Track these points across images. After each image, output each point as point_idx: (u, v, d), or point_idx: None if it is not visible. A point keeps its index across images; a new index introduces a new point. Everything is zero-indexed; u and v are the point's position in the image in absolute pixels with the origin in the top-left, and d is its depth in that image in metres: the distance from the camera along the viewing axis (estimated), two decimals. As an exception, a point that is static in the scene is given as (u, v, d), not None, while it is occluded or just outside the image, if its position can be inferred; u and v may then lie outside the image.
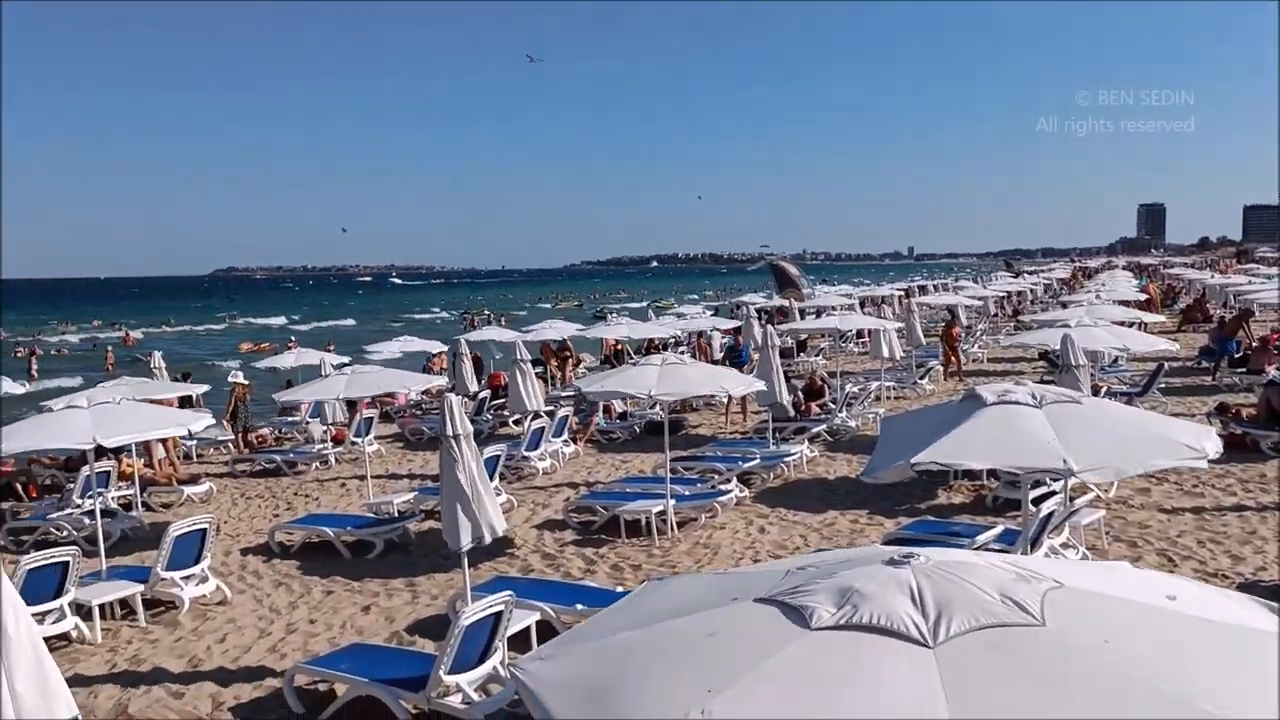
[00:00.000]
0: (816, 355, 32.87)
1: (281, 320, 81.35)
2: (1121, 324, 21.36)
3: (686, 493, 13.88)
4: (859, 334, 33.77)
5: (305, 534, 13.28)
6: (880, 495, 14.03)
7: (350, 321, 79.96)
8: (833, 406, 20.00)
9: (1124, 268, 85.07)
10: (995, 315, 45.74)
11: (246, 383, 21.86)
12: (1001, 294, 50.19)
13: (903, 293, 48.77)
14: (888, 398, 22.91)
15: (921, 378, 24.99)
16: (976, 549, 9.24)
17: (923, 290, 52.48)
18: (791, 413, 19.15)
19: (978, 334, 35.83)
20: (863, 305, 42.98)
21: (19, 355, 46.69)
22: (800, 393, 20.64)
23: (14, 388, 19.19)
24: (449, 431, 8.53)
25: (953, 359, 27.43)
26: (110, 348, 50.20)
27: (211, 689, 8.68)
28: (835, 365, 26.84)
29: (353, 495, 16.39)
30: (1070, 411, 7.54)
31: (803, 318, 37.92)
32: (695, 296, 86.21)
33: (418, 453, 20.27)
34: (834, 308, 35.94)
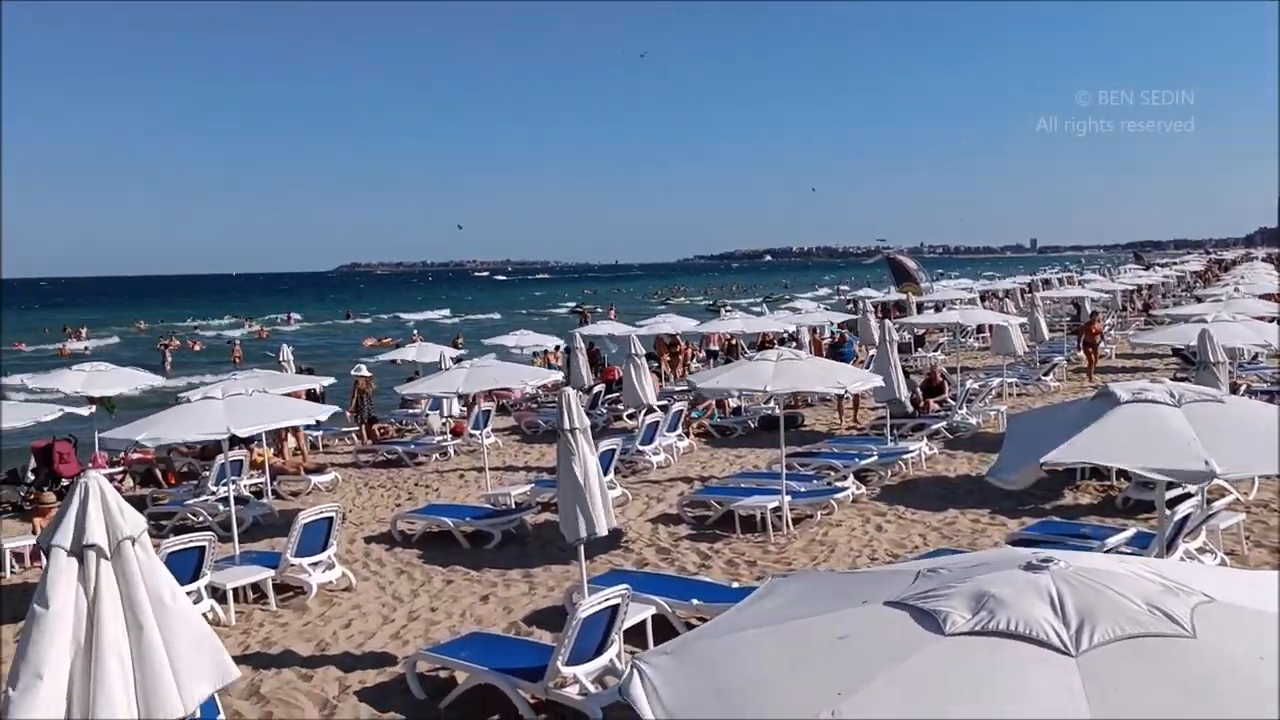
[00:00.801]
0: (935, 350, 32.16)
1: (437, 314, 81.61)
2: (1262, 319, 20.32)
3: (802, 489, 13.73)
4: (979, 329, 32.92)
5: (426, 523, 13.58)
6: (1003, 494, 13.63)
7: (496, 315, 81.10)
8: (952, 403, 19.55)
9: (1263, 259, 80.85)
10: (1124, 310, 44.07)
11: (369, 374, 22.48)
12: (1131, 287, 48.25)
13: (1025, 286, 47.38)
14: (1010, 395, 22.29)
15: (1046, 374, 24.23)
16: (1106, 552, 8.89)
17: (1046, 284, 50.87)
18: (910, 409, 18.79)
19: (1106, 329, 34.57)
20: (983, 299, 41.91)
21: (163, 348, 48.96)
22: (919, 389, 20.22)
23: (152, 379, 20.04)
24: (566, 425, 8.61)
25: (1092, 356, 26.36)
26: (237, 342, 52.21)
27: (337, 673, 8.93)
28: (955, 361, 26.20)
29: (471, 487, 16.68)
30: (1211, 411, 7.18)
31: (921, 312, 37.15)
32: (800, 294, 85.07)
33: (533, 445, 20.54)
34: (954, 302, 35.13)
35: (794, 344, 23.99)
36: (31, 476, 17.14)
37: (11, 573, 12.85)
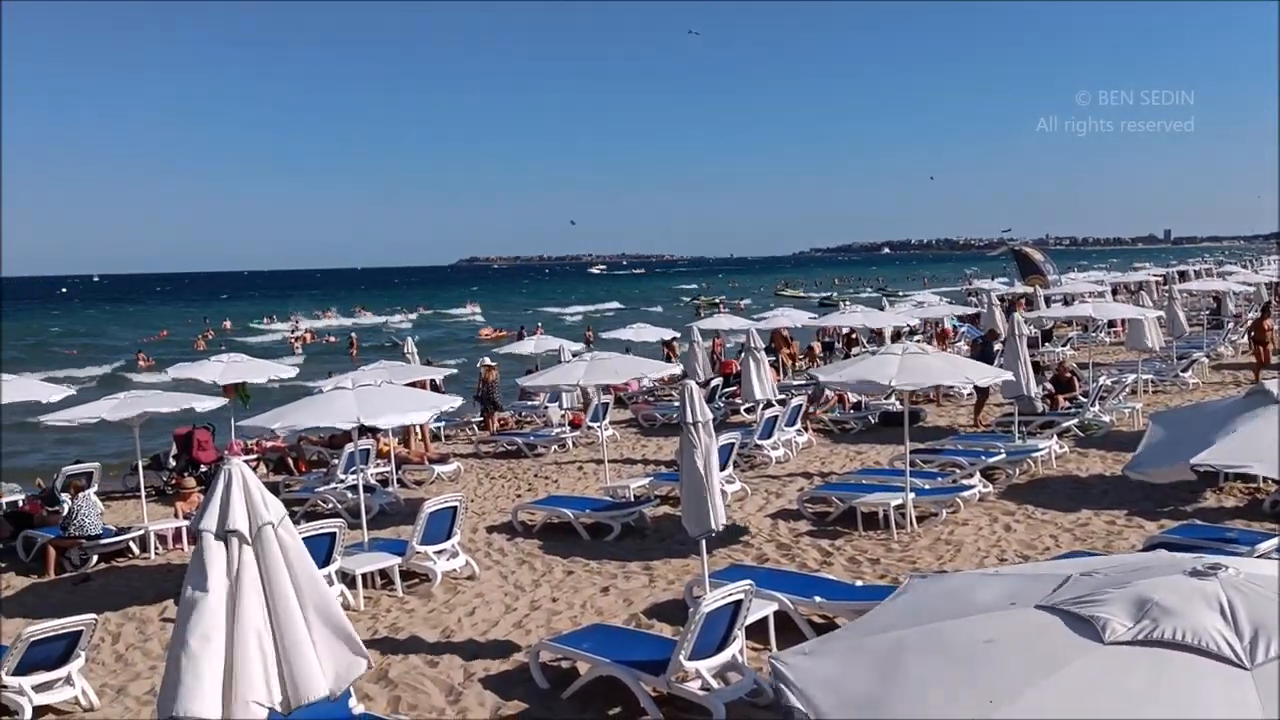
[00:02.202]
0: (1064, 345, 31.06)
1: (568, 309, 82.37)
2: None
3: (926, 486, 13.42)
4: (1110, 323, 31.70)
5: (546, 514, 13.72)
6: (1141, 495, 13.08)
7: (616, 305, 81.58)
8: (1084, 400, 18.85)
9: None
10: (1268, 303, 41.86)
11: (493, 364, 22.90)
12: (1275, 280, 45.81)
13: (1160, 278, 45.45)
14: (1145, 392, 21.38)
15: (1184, 370, 23.16)
16: (1257, 559, 8.43)
17: (1183, 276, 48.69)
18: (1039, 406, 18.18)
19: (1246, 323, 32.89)
20: (1115, 292, 40.33)
21: (294, 340, 50.86)
22: (1048, 385, 19.57)
23: (286, 370, 20.75)
24: (689, 418, 8.57)
25: (1263, 353, 24.78)
26: (354, 335, 53.78)
27: (462, 660, 9.07)
28: (1085, 356, 25.28)
29: (589, 479, 16.79)
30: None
31: (1048, 305, 35.98)
32: (918, 288, 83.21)
33: (650, 438, 20.57)
34: (1085, 295, 33.86)
35: (916, 338, 23.52)
36: (173, 462, 17.93)
37: (156, 554, 13.44)
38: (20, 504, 15.50)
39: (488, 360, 23.06)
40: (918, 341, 17.84)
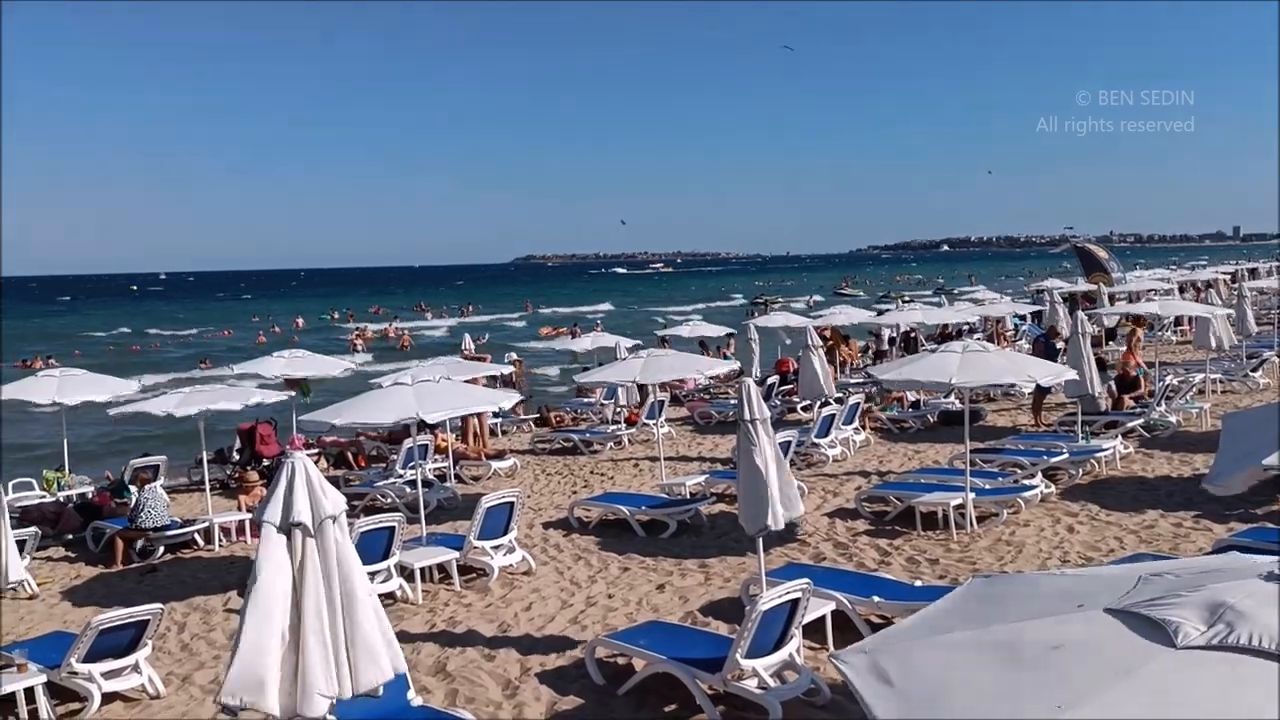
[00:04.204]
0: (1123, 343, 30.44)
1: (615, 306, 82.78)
2: None
3: (987, 486, 13.22)
4: (1176, 322, 31.03)
5: (602, 511, 13.75)
6: (1208, 497, 12.67)
7: (669, 306, 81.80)
8: (1149, 399, 18.46)
9: None
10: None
11: (519, 359, 23.10)
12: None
13: (1229, 276, 44.37)
14: (1214, 391, 20.88)
15: (1254, 370, 22.58)
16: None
17: (1253, 273, 47.50)
18: (1103, 405, 17.84)
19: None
20: (1181, 290, 39.47)
21: (354, 338, 51.62)
22: (1113, 384, 19.19)
23: (344, 365, 21.03)
24: (747, 415, 8.52)
25: None
26: (405, 331, 54.36)
27: (518, 654, 9.12)
28: (1151, 355, 24.76)
29: (645, 476, 16.80)
30: None
31: (1113, 303, 35.28)
32: (966, 286, 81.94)
33: (706, 436, 20.53)
34: (1151, 292, 33.17)
35: (976, 336, 23.20)
36: (236, 456, 18.26)
37: (220, 546, 13.69)
38: (90, 496, 15.89)
39: (514, 355, 23.22)
40: (978, 339, 17.62)
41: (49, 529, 14.27)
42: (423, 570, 11.09)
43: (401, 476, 15.84)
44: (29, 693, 8.27)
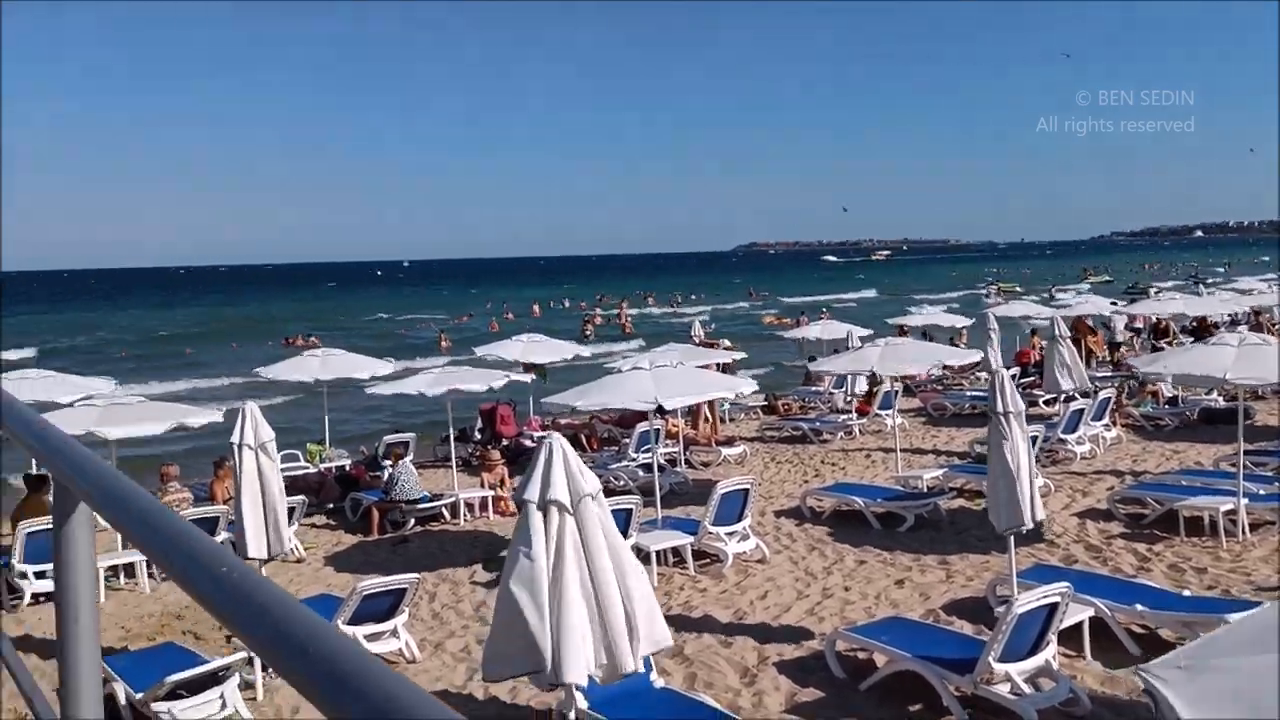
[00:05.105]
0: None
1: (857, 294, 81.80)
2: None
3: (1262, 491, 12.13)
4: None
5: (835, 501, 13.51)
6: None
7: (896, 295, 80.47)
8: None
9: None
10: None
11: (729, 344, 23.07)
12: None
13: None
14: None
15: None
16: None
17: None
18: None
19: None
20: None
21: (585, 323, 53.27)
22: None
23: (578, 350, 21.61)
24: (999, 408, 8.17)
25: None
26: (629, 316, 55.40)
27: (755, 643, 9.07)
28: None
29: (878, 467, 16.41)
30: None
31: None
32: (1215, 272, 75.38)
33: (940, 428, 19.87)
34: None
35: (1241, 329, 21.34)
36: (478, 435, 19.09)
37: (464, 520, 14.34)
38: (347, 468, 17.00)
39: (726, 342, 23.14)
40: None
41: (312, 498, 15.35)
42: (658, 553, 11.22)
43: (634, 460, 16.10)
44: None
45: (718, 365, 18.66)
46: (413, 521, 14.10)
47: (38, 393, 14.30)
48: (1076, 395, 17.70)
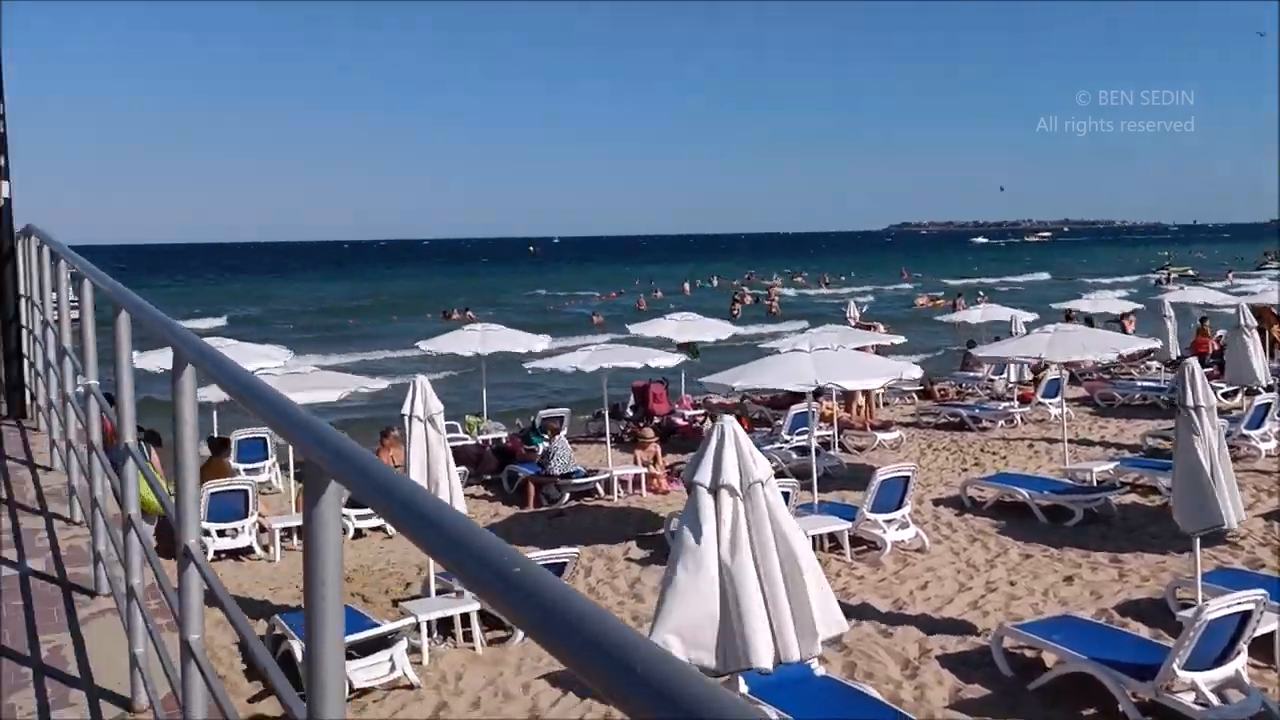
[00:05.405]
0: None
1: (1032, 277, 79.45)
2: None
3: None
4: None
5: (998, 492, 13.07)
6: None
7: (1045, 275, 77.73)
8: None
9: None
10: None
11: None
12: None
13: None
14: None
15: None
16: None
17: None
18: None
19: None
20: None
21: (736, 302, 53.17)
22: None
23: (730, 329, 21.52)
24: (1190, 401, 7.73)
25: None
26: (736, 297, 54.97)
27: (917, 634, 8.86)
28: None
29: (1042, 458, 15.80)
30: None
31: None
32: None
33: (1108, 419, 19.00)
34: None
35: None
36: (630, 413, 19.24)
37: (618, 496, 14.47)
38: (504, 440, 17.38)
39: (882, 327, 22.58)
40: None
41: (471, 469, 15.75)
42: (815, 538, 11.07)
43: (788, 442, 15.92)
44: (464, 618, 9.12)
45: (874, 348, 18.28)
46: (567, 496, 14.31)
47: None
48: (1261, 389, 16.65)
